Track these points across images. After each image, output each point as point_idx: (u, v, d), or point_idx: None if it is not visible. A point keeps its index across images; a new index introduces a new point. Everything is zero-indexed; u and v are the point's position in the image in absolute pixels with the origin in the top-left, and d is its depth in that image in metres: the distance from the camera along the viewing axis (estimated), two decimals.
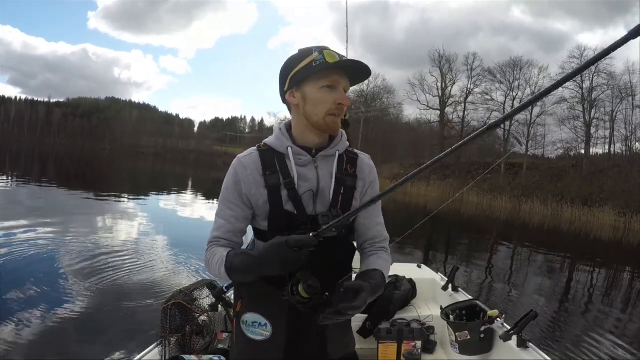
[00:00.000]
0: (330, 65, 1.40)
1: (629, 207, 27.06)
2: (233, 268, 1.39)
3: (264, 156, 1.50)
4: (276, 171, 1.47)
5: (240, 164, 1.50)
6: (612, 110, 37.84)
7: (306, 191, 1.48)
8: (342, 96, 1.45)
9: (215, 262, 1.44)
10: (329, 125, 1.46)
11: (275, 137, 1.53)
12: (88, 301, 5.64)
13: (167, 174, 41.46)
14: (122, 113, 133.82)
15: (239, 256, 1.41)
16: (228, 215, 1.52)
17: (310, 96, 1.45)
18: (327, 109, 1.44)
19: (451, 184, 40.34)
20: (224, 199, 1.53)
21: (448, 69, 47.75)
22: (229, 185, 1.51)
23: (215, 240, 1.52)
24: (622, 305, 8.05)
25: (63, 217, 10.89)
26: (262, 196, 1.47)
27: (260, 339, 1.49)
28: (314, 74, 1.42)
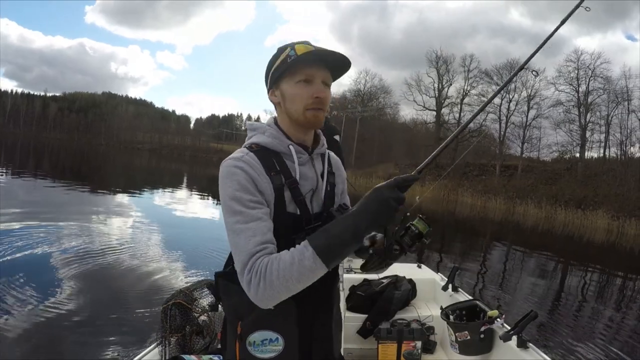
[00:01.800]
0: (300, 58, 1.35)
1: (623, 210, 27.20)
2: (327, 246, 1.18)
3: (262, 157, 1.37)
4: (278, 172, 1.37)
5: (243, 162, 1.33)
6: (607, 115, 37.97)
7: (308, 191, 1.44)
8: (318, 88, 1.38)
9: (286, 264, 1.18)
10: (309, 120, 1.40)
11: (270, 137, 1.43)
12: (87, 301, 5.63)
13: (162, 171, 41.29)
14: (118, 108, 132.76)
15: (326, 229, 1.23)
16: (259, 215, 1.29)
17: (287, 92, 1.41)
18: (305, 103, 1.38)
19: (445, 185, 40.36)
20: (239, 201, 1.28)
21: (445, 70, 47.87)
22: (242, 184, 1.29)
23: (262, 250, 1.24)
24: (616, 307, 8.11)
25: (58, 213, 10.86)
26: (272, 197, 1.34)
27: (272, 355, 1.36)
28: (289, 70, 1.38)
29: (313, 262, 1.16)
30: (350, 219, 1.21)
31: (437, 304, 3.69)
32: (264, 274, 1.17)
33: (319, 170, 1.50)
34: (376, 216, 1.20)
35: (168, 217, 13.05)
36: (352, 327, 3.51)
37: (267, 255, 1.22)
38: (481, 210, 30.51)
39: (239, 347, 1.38)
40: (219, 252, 8.61)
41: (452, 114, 48.19)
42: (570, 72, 39.59)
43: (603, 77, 37.96)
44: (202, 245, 9.31)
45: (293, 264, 1.17)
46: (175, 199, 18.23)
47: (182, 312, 2.55)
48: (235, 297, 1.32)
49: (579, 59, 39.03)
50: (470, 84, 46.56)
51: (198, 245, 9.37)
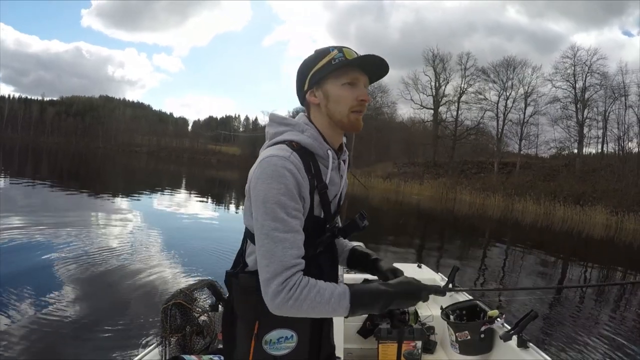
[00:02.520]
0: (350, 62, 1.40)
1: (621, 206, 27.26)
2: (359, 304, 1.29)
3: (302, 158, 1.36)
4: (313, 175, 1.38)
5: (292, 164, 1.32)
6: (604, 110, 38.07)
7: (334, 196, 1.49)
8: (363, 92, 1.43)
9: (325, 297, 1.26)
10: (352, 122, 1.44)
11: (312, 138, 1.43)
12: (87, 302, 5.63)
13: (161, 173, 41.29)
14: (115, 111, 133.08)
15: (367, 290, 1.33)
16: (297, 227, 1.31)
17: (332, 93, 1.42)
18: (350, 105, 1.42)
19: (444, 183, 40.42)
20: (284, 207, 1.28)
21: (442, 69, 47.82)
22: (290, 189, 1.29)
23: (297, 265, 1.28)
24: (616, 303, 8.12)
25: (58, 216, 10.84)
26: (308, 203, 1.37)
27: (285, 352, 1.41)
28: (334, 72, 1.41)
29: (343, 311, 1.28)
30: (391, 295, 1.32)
31: (437, 303, 3.68)
32: (298, 297, 1.23)
33: (341, 177, 1.54)
34: (405, 304, 1.40)
35: (167, 219, 13.05)
36: (352, 327, 3.51)
37: (302, 276, 1.28)
38: (480, 208, 30.54)
39: (254, 346, 1.40)
40: (218, 252, 8.64)
41: (449, 112, 48.20)
42: (566, 68, 39.70)
43: (600, 73, 38.09)
44: (202, 246, 9.32)
45: (328, 304, 1.26)
46: (174, 201, 18.22)
47: (182, 312, 2.54)
48: (255, 297, 1.31)
49: (575, 55, 39.15)
50: (467, 82, 46.59)
51: (197, 246, 9.38)
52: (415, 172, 44.84)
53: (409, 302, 1.37)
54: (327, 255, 1.52)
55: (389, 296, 1.31)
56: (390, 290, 1.32)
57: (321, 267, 1.45)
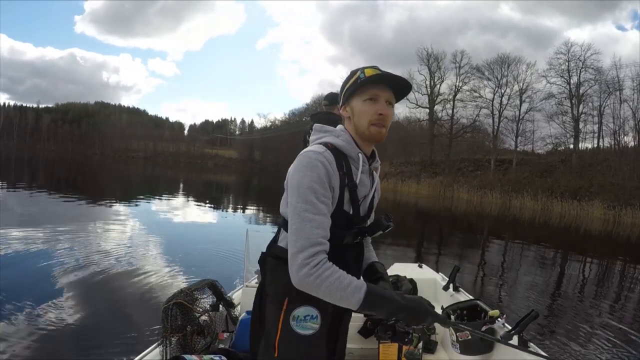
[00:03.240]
0: (368, 79, 1.56)
1: (618, 200, 27.37)
2: (371, 302, 1.38)
3: (336, 156, 1.54)
4: (344, 173, 1.54)
5: (324, 157, 1.50)
6: (599, 105, 38.21)
7: (362, 196, 1.62)
8: (381, 107, 1.58)
9: (344, 283, 1.38)
10: (372, 134, 1.60)
11: (345, 142, 1.60)
12: (88, 303, 5.61)
13: (158, 178, 41.23)
14: (111, 117, 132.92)
15: (382, 292, 1.42)
16: (325, 211, 1.46)
17: (356, 109, 1.60)
18: (369, 119, 1.58)
19: (441, 181, 40.48)
20: (315, 192, 1.45)
21: (436, 67, 47.99)
22: (321, 178, 1.47)
23: (322, 244, 1.42)
24: (615, 298, 8.14)
25: (56, 223, 10.78)
26: (337, 195, 1.52)
27: (310, 332, 1.53)
28: (358, 89, 1.59)
29: (355, 303, 1.37)
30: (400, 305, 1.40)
31: (438, 303, 3.69)
32: (320, 275, 1.36)
33: (372, 182, 1.70)
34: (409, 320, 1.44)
35: (166, 223, 13.03)
36: (353, 326, 3.50)
37: (327, 260, 1.41)
38: (477, 206, 30.62)
39: (282, 322, 1.53)
40: (218, 253, 8.70)
41: (445, 110, 48.37)
42: (561, 64, 39.86)
43: (594, 68, 38.28)
44: (202, 248, 9.37)
45: (344, 291, 1.36)
46: (172, 205, 18.20)
47: (183, 312, 2.56)
48: (286, 274, 1.42)
49: (569, 51, 39.33)
50: (462, 80, 46.72)
51: (197, 248, 9.42)
52: (412, 171, 44.95)
53: (413, 320, 1.45)
54: (353, 252, 1.66)
55: (398, 307, 1.39)
56: (401, 302, 1.40)
57: (347, 260, 1.56)
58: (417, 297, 1.46)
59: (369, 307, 1.38)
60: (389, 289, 1.53)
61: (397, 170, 45.89)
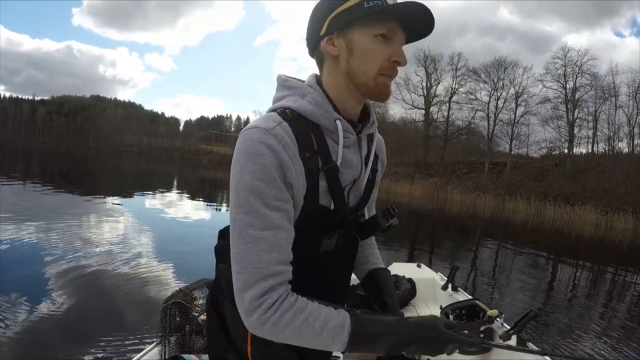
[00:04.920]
0: (391, 8, 1.04)
1: (611, 205, 27.48)
2: (360, 342, 0.97)
3: (297, 130, 1.04)
4: (315, 152, 1.05)
5: (274, 138, 0.99)
6: (595, 110, 38.35)
7: (349, 181, 1.14)
8: (399, 52, 1.08)
9: (315, 326, 0.96)
10: (379, 88, 1.10)
11: (314, 103, 1.08)
12: (85, 303, 5.60)
13: (152, 173, 41.09)
14: (107, 111, 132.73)
15: (375, 326, 0.99)
16: (280, 221, 0.99)
17: (359, 45, 1.06)
18: (380, 64, 1.07)
19: (435, 183, 40.55)
20: (260, 196, 0.97)
21: (433, 69, 48.02)
22: (267, 172, 0.97)
23: (277, 275, 0.97)
24: (608, 300, 8.21)
25: (50, 217, 10.73)
26: (303, 189, 1.04)
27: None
28: (366, 18, 1.04)
29: (339, 347, 0.97)
30: (400, 341, 0.99)
31: (437, 303, 3.71)
32: (277, 322, 0.95)
33: (364, 154, 1.21)
34: (422, 352, 1.02)
35: (162, 220, 12.99)
36: None
37: (288, 293, 0.99)
38: (471, 208, 30.68)
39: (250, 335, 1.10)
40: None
41: (440, 112, 48.41)
42: (557, 69, 39.99)
43: (590, 74, 38.41)
44: (199, 246, 9.29)
45: (318, 337, 0.96)
46: (167, 201, 18.13)
47: (181, 311, 2.52)
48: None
49: (566, 56, 39.48)
50: (458, 82, 46.79)
51: (195, 245, 9.39)
52: (406, 172, 44.96)
53: (428, 352, 1.01)
54: (340, 258, 1.21)
55: (403, 340, 0.98)
56: (403, 332, 0.99)
57: (330, 270, 1.18)
58: (431, 320, 1.03)
59: (359, 348, 0.97)
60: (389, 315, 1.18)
61: (391, 171, 45.89)
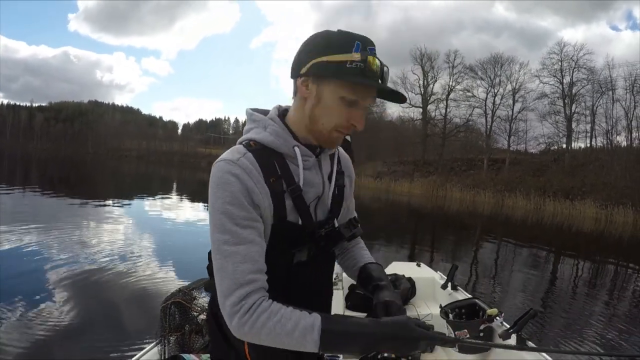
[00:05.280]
0: (365, 82, 1.15)
1: (610, 199, 27.49)
2: (331, 342, 1.06)
3: (261, 159, 1.19)
4: (279, 177, 1.20)
5: (239, 167, 1.14)
6: (592, 105, 38.32)
7: (313, 199, 1.28)
8: (359, 118, 1.21)
9: (287, 327, 1.06)
10: (331, 140, 1.25)
11: (274, 134, 1.23)
12: (86, 304, 5.65)
13: (151, 177, 41.09)
14: (104, 116, 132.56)
15: (345, 326, 1.07)
16: (251, 237, 1.13)
17: (326, 100, 1.18)
18: (337, 124, 1.20)
19: (434, 181, 40.54)
20: (231, 219, 1.12)
21: (430, 67, 47.97)
22: (235, 197, 1.12)
23: (252, 282, 1.10)
24: (609, 295, 8.21)
25: (50, 223, 10.75)
26: (270, 209, 1.18)
27: None
28: (341, 78, 1.15)
29: (311, 347, 1.05)
30: (371, 340, 1.07)
31: (437, 302, 3.72)
32: (254, 323, 1.07)
33: (326, 173, 1.34)
34: (395, 351, 1.11)
35: (161, 222, 13.03)
36: None
37: (264, 299, 1.10)
38: (470, 205, 30.70)
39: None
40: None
41: (438, 110, 48.34)
42: (553, 64, 39.93)
43: (587, 68, 38.35)
44: (199, 245, 9.35)
45: (290, 337, 1.05)
46: (166, 204, 18.17)
47: (181, 311, 2.53)
48: None
49: (562, 51, 39.41)
50: (455, 80, 46.70)
51: (194, 246, 9.47)
52: (405, 171, 44.94)
53: (401, 349, 1.08)
54: (314, 269, 1.33)
55: (373, 339, 1.06)
56: (375, 331, 1.06)
57: (309, 279, 1.30)
58: (402, 318, 1.10)
59: (332, 347, 1.07)
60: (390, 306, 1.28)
61: (390, 170, 45.90)
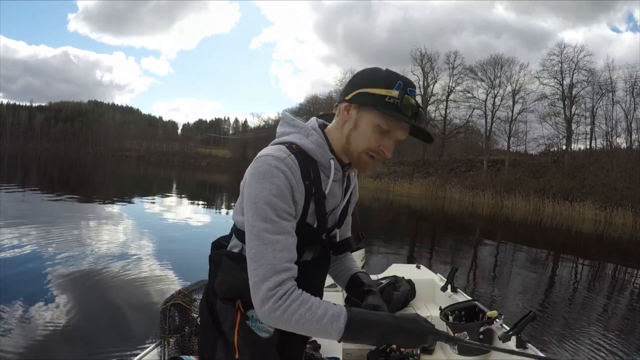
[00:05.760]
0: (397, 120, 1.30)
1: (610, 201, 27.55)
2: (355, 330, 1.17)
3: (302, 162, 1.30)
4: (311, 181, 1.31)
5: (286, 165, 1.25)
6: (592, 106, 38.46)
7: (332, 209, 1.42)
8: (389, 146, 1.35)
9: (317, 314, 1.17)
10: (360, 162, 1.37)
11: (315, 144, 1.35)
12: (85, 305, 5.61)
13: (152, 177, 41.07)
14: (104, 116, 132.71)
15: (367, 316, 1.20)
16: (289, 229, 1.24)
17: (363, 126, 1.33)
18: (368, 147, 1.33)
19: (433, 182, 40.59)
20: (275, 208, 1.22)
21: (429, 68, 48.08)
22: (281, 191, 1.23)
23: (288, 270, 1.21)
24: (607, 299, 8.20)
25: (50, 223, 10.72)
26: (301, 208, 1.31)
27: (266, 336, 1.37)
28: (379, 109, 1.29)
29: (336, 334, 1.16)
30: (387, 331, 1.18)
31: (436, 304, 3.72)
32: (287, 308, 1.16)
33: (344, 190, 1.49)
34: (406, 343, 1.21)
35: (161, 223, 12.99)
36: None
37: (296, 288, 1.20)
38: (470, 206, 30.71)
39: (238, 322, 1.36)
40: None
41: (438, 111, 48.46)
42: (554, 65, 40.04)
43: (587, 70, 38.46)
44: (198, 248, 9.26)
45: (319, 323, 1.16)
46: (166, 205, 18.14)
47: (181, 312, 2.49)
48: (241, 276, 1.27)
49: (562, 53, 39.53)
50: (455, 81, 46.83)
51: (194, 247, 9.45)
52: (404, 172, 45.04)
53: (411, 343, 1.21)
54: (316, 269, 1.46)
55: (389, 330, 1.18)
56: (393, 324, 1.19)
57: (308, 277, 1.37)
58: (412, 315, 1.24)
59: (353, 336, 1.17)
60: (378, 309, 1.40)
61: (390, 170, 45.98)
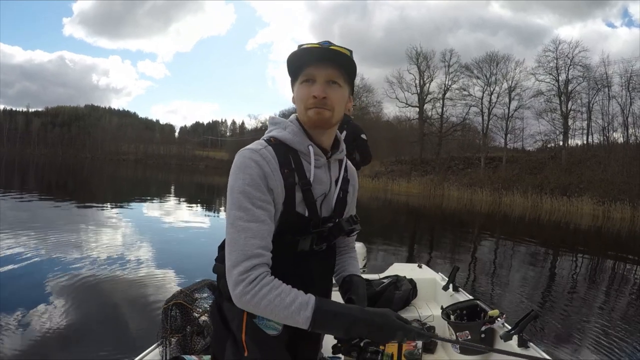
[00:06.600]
0: (289, 60, 1.38)
1: (607, 195, 27.63)
2: (322, 319, 1.20)
3: (279, 152, 1.36)
4: (292, 170, 1.36)
5: (260, 156, 1.31)
6: (588, 102, 38.52)
7: (320, 194, 1.43)
8: (317, 88, 1.35)
9: (286, 300, 1.21)
10: (311, 119, 1.38)
11: (291, 133, 1.41)
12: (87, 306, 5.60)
13: (149, 181, 41.02)
14: (101, 120, 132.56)
15: (334, 307, 1.22)
16: (263, 217, 1.28)
17: (295, 94, 1.42)
18: (305, 104, 1.37)
19: (431, 180, 40.62)
20: (249, 197, 1.27)
21: (425, 66, 48.16)
22: (254, 180, 1.28)
23: (260, 256, 1.25)
24: (607, 294, 8.21)
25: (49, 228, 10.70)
26: (281, 196, 1.33)
27: (274, 333, 1.38)
28: (294, 71, 1.40)
29: (303, 322, 1.19)
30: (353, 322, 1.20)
31: (438, 303, 3.72)
32: (256, 293, 1.20)
33: (334, 176, 1.50)
34: (373, 337, 1.23)
35: (161, 225, 12.96)
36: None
37: (267, 274, 1.24)
38: (468, 203, 30.72)
39: (245, 320, 1.38)
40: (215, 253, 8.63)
41: (434, 109, 48.60)
42: (549, 61, 40.12)
43: (582, 65, 38.54)
44: (199, 248, 9.37)
45: (287, 310, 1.19)
46: (165, 208, 18.08)
47: (182, 312, 2.54)
48: None
49: (557, 49, 39.59)
50: (451, 79, 46.95)
51: (195, 248, 9.48)
52: (402, 170, 45.13)
53: (378, 337, 1.23)
54: (318, 261, 1.48)
55: (355, 322, 1.20)
56: (359, 316, 1.21)
57: (309, 271, 1.43)
58: (384, 310, 1.25)
59: (321, 325, 1.20)
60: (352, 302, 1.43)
61: (388, 170, 46.03)
